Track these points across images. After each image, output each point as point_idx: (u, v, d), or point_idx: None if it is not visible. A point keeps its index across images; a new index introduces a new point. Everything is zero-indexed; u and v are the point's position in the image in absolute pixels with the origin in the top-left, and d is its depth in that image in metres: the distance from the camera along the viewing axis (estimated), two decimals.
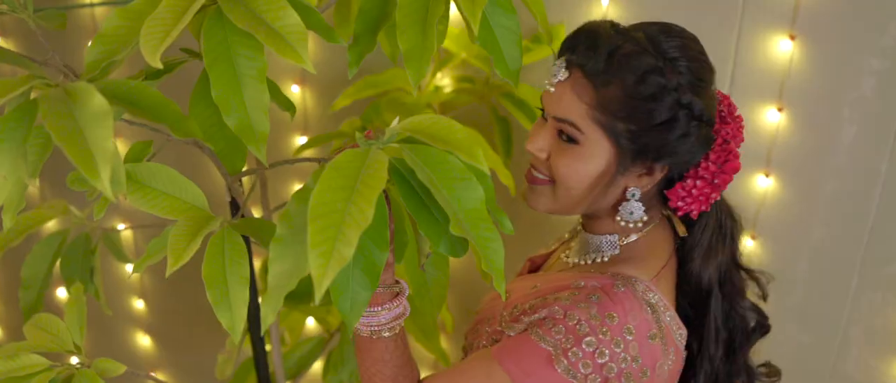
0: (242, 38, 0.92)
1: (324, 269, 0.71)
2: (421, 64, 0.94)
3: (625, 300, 1.13)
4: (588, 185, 1.16)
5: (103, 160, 0.70)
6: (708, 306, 1.23)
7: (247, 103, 0.91)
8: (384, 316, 1.07)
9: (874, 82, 1.69)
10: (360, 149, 0.82)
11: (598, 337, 1.09)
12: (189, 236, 0.88)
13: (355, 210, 0.74)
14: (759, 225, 1.85)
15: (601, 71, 1.10)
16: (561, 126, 1.14)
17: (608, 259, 1.23)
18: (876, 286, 1.84)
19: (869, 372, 1.92)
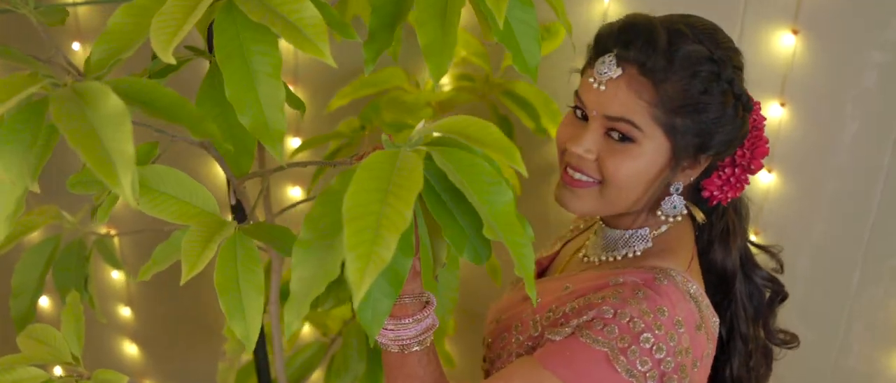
0: (255, 33, 0.88)
1: (361, 274, 0.67)
2: (442, 59, 0.90)
3: (670, 293, 1.11)
4: (643, 185, 1.13)
5: (123, 165, 0.66)
6: (733, 290, 1.24)
7: (262, 101, 0.87)
8: (413, 329, 1.03)
9: (876, 77, 1.68)
10: (389, 151, 0.78)
11: (654, 333, 1.06)
12: (203, 242, 0.84)
13: (391, 212, 0.70)
14: (762, 221, 1.84)
15: (661, 67, 1.07)
16: (615, 125, 1.10)
17: (640, 253, 1.20)
18: (878, 280, 1.83)
19: (871, 365, 1.91)
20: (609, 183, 1.12)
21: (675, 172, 1.14)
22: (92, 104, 0.71)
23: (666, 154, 1.11)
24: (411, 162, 0.75)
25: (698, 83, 1.08)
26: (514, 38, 1.02)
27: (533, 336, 1.18)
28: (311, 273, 0.77)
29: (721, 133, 1.11)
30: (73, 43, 2.21)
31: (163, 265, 0.95)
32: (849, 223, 1.81)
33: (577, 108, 1.16)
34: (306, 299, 0.76)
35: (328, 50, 0.82)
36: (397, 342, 1.03)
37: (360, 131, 1.74)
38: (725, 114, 1.10)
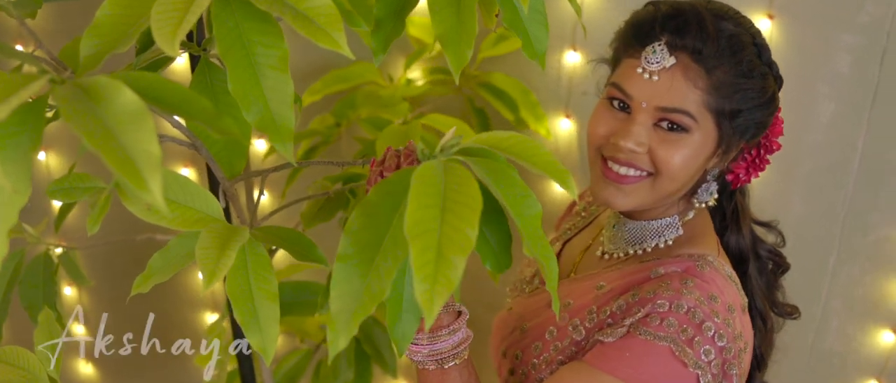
0: (257, 23, 0.82)
1: (429, 295, 0.63)
2: (460, 47, 0.85)
3: (715, 278, 1.08)
4: (692, 173, 1.10)
5: (149, 166, 0.60)
6: (748, 269, 1.22)
7: (267, 96, 0.81)
8: (448, 341, 0.98)
9: (851, 59, 1.69)
10: (432, 162, 0.73)
11: (714, 321, 1.03)
12: (217, 249, 0.78)
13: (451, 231, 0.66)
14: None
15: (713, 54, 1.04)
16: (669, 116, 1.06)
17: (672, 242, 1.16)
18: (854, 258, 1.85)
19: (848, 343, 1.93)
20: (662, 174, 1.08)
21: (722, 159, 1.12)
22: (103, 101, 0.64)
23: (714, 140, 1.08)
24: (464, 177, 0.71)
25: (745, 67, 1.06)
26: (522, 24, 0.97)
27: (576, 340, 1.12)
28: (354, 288, 0.72)
29: (760, 114, 1.10)
30: (15, 44, 2.09)
31: (162, 276, 0.88)
32: (825, 202, 1.82)
33: (616, 99, 1.11)
34: (353, 317, 0.71)
35: (345, 40, 0.77)
36: (433, 357, 0.98)
37: (335, 128, 1.68)
38: (765, 97, 1.09)
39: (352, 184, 1.17)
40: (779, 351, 1.32)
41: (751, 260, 1.22)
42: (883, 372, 1.92)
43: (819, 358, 1.95)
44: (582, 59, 1.81)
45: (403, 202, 0.73)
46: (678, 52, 1.05)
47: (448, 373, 0.99)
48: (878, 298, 1.87)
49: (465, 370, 1.00)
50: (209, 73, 0.96)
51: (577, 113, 1.86)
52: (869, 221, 1.82)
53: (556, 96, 1.86)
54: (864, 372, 1.94)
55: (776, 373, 1.45)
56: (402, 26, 0.92)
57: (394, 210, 0.74)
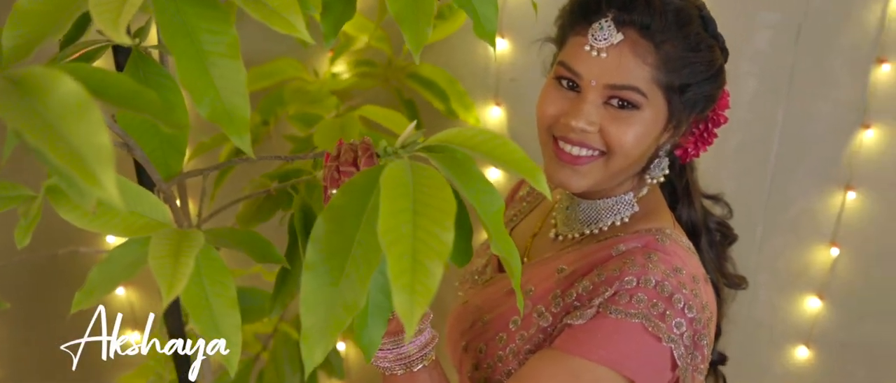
0: (200, 8, 0.76)
1: (408, 306, 0.58)
2: (418, 25, 0.81)
3: (677, 250, 1.07)
4: (644, 149, 1.07)
5: (100, 160, 0.53)
6: (701, 242, 1.22)
7: (218, 85, 0.75)
8: (414, 344, 0.94)
9: (769, 36, 1.73)
10: (397, 163, 0.69)
11: (682, 293, 1.01)
12: (172, 257, 0.71)
13: (426, 235, 0.62)
14: None
15: (660, 28, 1.02)
16: (619, 93, 1.03)
17: (628, 219, 1.15)
18: (778, 231, 1.90)
19: (776, 313, 1.98)
20: (616, 153, 1.05)
21: (673, 134, 1.10)
22: (40, 94, 0.57)
23: (665, 115, 1.06)
24: (433, 178, 0.67)
25: (692, 40, 1.04)
26: (472, 4, 0.94)
27: (543, 327, 1.09)
28: (326, 299, 0.67)
29: (709, 88, 1.09)
30: None
31: (104, 290, 0.81)
32: (750, 177, 1.86)
33: (564, 79, 1.08)
34: (327, 331, 0.66)
35: (302, 23, 0.72)
36: (401, 361, 0.94)
37: (262, 126, 1.61)
38: (713, 70, 1.08)
39: (294, 181, 1.11)
40: (729, 322, 1.33)
41: (702, 232, 1.22)
42: (810, 337, 1.98)
43: (751, 328, 2.00)
44: (509, 45, 1.79)
45: (369, 204, 0.70)
46: (625, 27, 1.03)
47: (417, 377, 0.95)
48: (802, 268, 1.93)
49: (434, 371, 0.96)
50: (143, 66, 0.89)
51: (506, 100, 1.84)
52: (789, 194, 1.87)
53: (485, 84, 1.83)
54: (794, 339, 2.00)
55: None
56: (352, 9, 0.88)
57: (361, 213, 0.70)
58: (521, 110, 1.85)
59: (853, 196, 1.83)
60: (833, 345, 1.98)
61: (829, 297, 1.93)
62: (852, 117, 1.77)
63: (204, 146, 1.69)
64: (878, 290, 1.91)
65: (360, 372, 2.22)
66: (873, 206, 1.83)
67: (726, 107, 1.15)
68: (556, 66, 1.10)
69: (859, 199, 1.83)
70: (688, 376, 1.04)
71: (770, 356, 2.02)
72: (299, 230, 1.06)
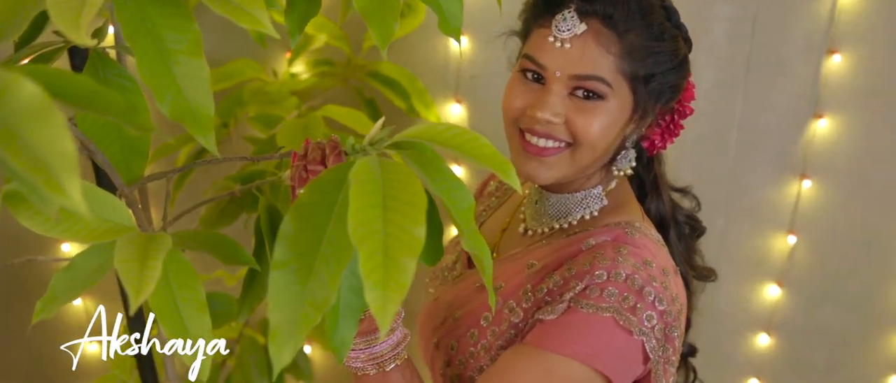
0: (161, 6, 0.75)
1: (383, 302, 0.58)
2: (385, 20, 0.80)
3: (646, 243, 1.07)
4: (610, 141, 1.07)
5: (64, 166, 0.51)
6: (669, 234, 1.22)
7: (181, 83, 0.73)
8: (386, 343, 0.93)
9: (726, 28, 1.76)
10: (368, 159, 0.68)
11: (652, 286, 1.02)
12: (139, 261, 0.70)
13: (398, 231, 0.61)
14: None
15: (623, 18, 1.02)
16: (584, 84, 1.03)
17: (597, 212, 1.15)
18: (738, 221, 1.93)
19: (736, 302, 2.01)
20: (582, 144, 1.05)
21: (638, 125, 1.10)
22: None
23: (630, 106, 1.06)
24: (403, 173, 0.66)
25: (656, 30, 1.05)
26: (437, 0, 0.93)
27: (514, 323, 1.09)
28: (294, 297, 0.65)
29: (674, 77, 1.09)
30: None
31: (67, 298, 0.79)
32: (711, 167, 1.88)
33: (529, 71, 1.07)
34: (296, 329, 0.64)
35: (267, 18, 0.71)
36: (373, 361, 0.93)
37: (222, 128, 1.58)
38: (677, 60, 1.08)
39: (258, 182, 1.10)
40: (698, 314, 1.35)
41: (671, 225, 1.23)
42: (771, 324, 2.02)
43: (714, 317, 2.02)
44: (469, 42, 1.79)
45: (338, 201, 0.69)
46: (588, 18, 1.03)
47: (389, 376, 0.94)
48: (762, 256, 1.96)
49: (407, 370, 0.95)
50: (103, 67, 0.87)
51: (467, 97, 1.84)
52: (749, 184, 1.90)
53: (445, 81, 1.83)
54: (755, 327, 2.03)
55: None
56: (317, 6, 0.86)
57: (330, 210, 0.69)
58: (482, 107, 1.85)
59: (809, 184, 1.86)
60: (793, 332, 2.02)
61: (788, 285, 1.97)
62: (806, 107, 1.80)
63: (165, 149, 1.66)
64: (833, 276, 1.95)
65: (325, 374, 2.20)
66: (827, 194, 1.87)
67: (692, 98, 1.15)
68: (520, 59, 1.09)
69: (814, 188, 1.87)
70: (660, 368, 1.04)
71: (733, 344, 2.05)
72: (266, 232, 1.04)
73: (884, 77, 1.75)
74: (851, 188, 1.86)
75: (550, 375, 0.98)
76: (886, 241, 1.90)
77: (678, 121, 1.15)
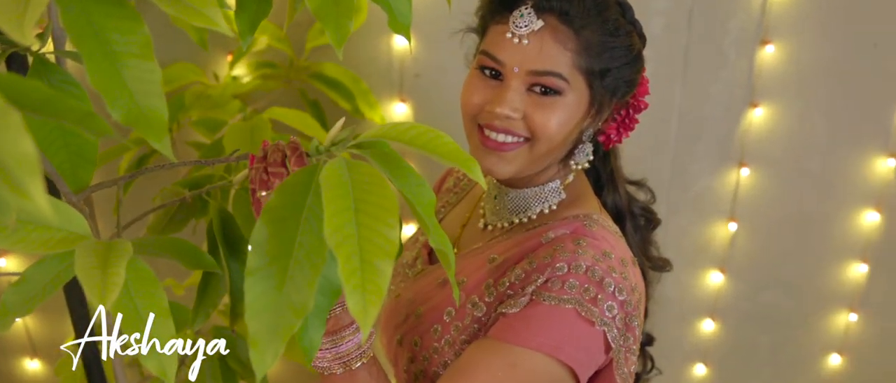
0: (106, 7, 0.73)
1: (363, 306, 0.59)
2: (340, 20, 0.79)
3: (604, 235, 1.09)
4: (567, 135, 1.09)
5: (26, 169, 0.50)
6: (626, 226, 1.24)
7: (132, 87, 0.72)
8: (352, 341, 0.92)
9: (663, 21, 1.79)
10: (336, 161, 0.68)
11: (612, 277, 1.03)
12: (100, 268, 0.68)
13: (371, 234, 0.62)
14: None
15: (579, 14, 1.03)
16: (541, 80, 1.04)
17: (556, 206, 1.16)
18: (681, 210, 1.97)
19: (682, 289, 2.06)
20: (540, 139, 1.06)
21: (594, 119, 1.12)
22: None
23: (587, 101, 1.08)
24: (372, 175, 0.67)
25: (611, 25, 1.06)
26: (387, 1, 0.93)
27: (477, 317, 1.10)
28: (272, 303, 0.65)
29: (629, 72, 1.11)
30: None
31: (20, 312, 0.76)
32: (653, 158, 1.92)
33: (487, 68, 1.08)
34: (277, 335, 0.63)
35: (220, 16, 0.70)
36: (340, 360, 0.92)
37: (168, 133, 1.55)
38: (632, 55, 1.10)
39: (209, 187, 1.08)
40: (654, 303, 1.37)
41: (627, 217, 1.25)
42: (715, 310, 2.06)
43: (661, 305, 2.06)
44: (412, 41, 1.79)
45: (306, 205, 0.69)
46: (545, 14, 1.04)
47: (356, 375, 0.94)
48: (705, 243, 2.01)
49: (373, 368, 0.95)
50: (46, 72, 0.85)
51: (411, 96, 1.84)
52: (690, 173, 1.94)
53: (389, 81, 1.83)
54: (700, 313, 2.08)
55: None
56: (268, 6, 0.85)
57: (298, 214, 0.69)
58: (426, 106, 1.85)
59: (747, 172, 1.91)
60: (737, 316, 2.07)
61: (731, 271, 2.02)
62: (743, 97, 1.85)
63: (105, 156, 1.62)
64: (773, 261, 2.01)
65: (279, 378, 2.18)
66: (764, 181, 1.92)
67: (646, 92, 1.17)
68: (478, 56, 1.11)
69: (752, 175, 1.92)
70: (621, 357, 1.06)
71: (679, 331, 2.10)
72: (219, 237, 1.03)
73: (815, 65, 1.80)
74: (788, 174, 1.91)
75: (514, 368, 0.99)
76: (822, 225, 1.96)
77: (633, 115, 1.17)
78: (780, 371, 2.12)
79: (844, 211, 1.94)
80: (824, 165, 1.90)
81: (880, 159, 1.87)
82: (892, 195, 1.90)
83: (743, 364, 2.12)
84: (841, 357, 2.09)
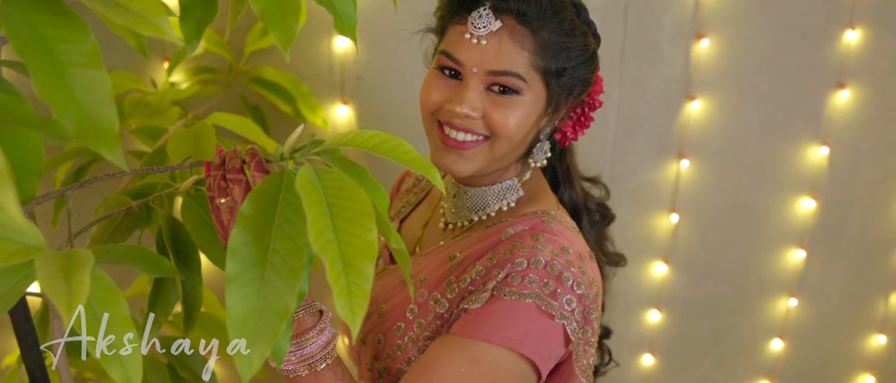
0: (50, 16, 0.71)
1: (350, 308, 0.60)
2: (286, 22, 0.78)
3: (562, 230, 1.11)
4: (525, 133, 1.10)
5: None
6: (582, 221, 1.27)
7: (81, 98, 0.70)
8: (316, 343, 0.92)
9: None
10: (307, 168, 0.69)
11: (571, 271, 1.05)
12: (63, 277, 0.66)
13: (351, 238, 0.64)
14: None
15: (536, 15, 1.05)
16: (499, 79, 1.06)
17: (514, 203, 1.18)
18: (624, 203, 2.00)
19: (628, 282, 2.09)
20: (499, 137, 1.08)
21: (551, 117, 1.14)
22: None
23: (544, 99, 1.10)
24: (343, 181, 0.68)
25: (567, 26, 1.08)
26: (331, 1, 0.93)
27: (440, 313, 1.11)
28: (253, 309, 0.65)
29: (584, 71, 1.13)
30: None
31: None
32: (593, 153, 1.94)
33: (447, 68, 1.10)
34: (260, 337, 0.64)
35: (170, 25, 0.69)
36: (305, 362, 0.92)
37: None
38: (587, 54, 1.12)
39: (156, 195, 1.06)
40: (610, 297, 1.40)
41: (583, 213, 1.28)
42: (660, 300, 2.11)
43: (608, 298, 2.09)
44: (352, 43, 1.78)
45: (277, 212, 0.70)
46: (503, 15, 1.06)
47: (321, 376, 0.94)
48: (648, 235, 2.04)
49: (338, 368, 0.95)
50: None
51: (354, 98, 1.83)
52: (630, 167, 1.97)
53: (330, 84, 1.81)
54: (646, 304, 2.12)
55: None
56: (213, 10, 0.84)
57: (271, 221, 0.70)
58: (369, 107, 1.84)
59: (686, 164, 1.96)
60: (681, 305, 2.12)
61: (674, 261, 2.06)
62: (679, 91, 1.89)
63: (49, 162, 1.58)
64: (713, 250, 2.06)
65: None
66: (703, 173, 1.97)
67: (601, 91, 1.20)
68: (438, 56, 1.12)
69: (692, 167, 1.96)
70: (580, 350, 1.08)
71: (626, 322, 2.13)
72: (168, 245, 1.01)
73: (748, 58, 1.85)
74: (726, 165, 1.96)
75: (477, 364, 1.00)
76: (760, 212, 2.02)
77: (588, 113, 1.20)
78: (725, 357, 2.18)
79: (781, 198, 2.00)
80: (760, 155, 1.96)
81: (813, 147, 1.93)
82: (826, 182, 1.97)
83: (688, 352, 2.17)
84: (782, 341, 2.16)
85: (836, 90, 1.88)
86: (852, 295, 2.13)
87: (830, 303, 2.13)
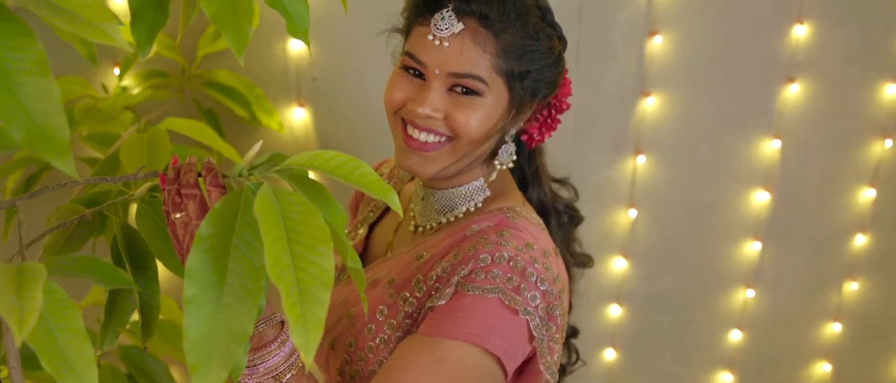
0: None
1: (305, 338, 0.61)
2: (239, 25, 0.77)
3: (527, 227, 1.12)
4: (488, 134, 1.11)
5: None
6: (551, 222, 1.28)
7: (29, 106, 0.69)
8: (279, 354, 0.91)
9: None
10: (265, 189, 0.68)
11: (534, 267, 1.06)
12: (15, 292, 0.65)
13: (308, 265, 0.64)
14: None
15: (499, 18, 1.05)
16: (461, 81, 1.07)
17: (481, 203, 1.19)
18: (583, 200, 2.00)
19: (589, 278, 2.10)
20: (461, 138, 1.09)
21: (515, 119, 1.14)
22: None
23: (506, 101, 1.10)
24: (301, 205, 0.68)
25: (531, 29, 1.08)
26: (282, 3, 0.92)
27: (409, 312, 1.12)
28: (209, 331, 0.65)
29: (549, 74, 1.13)
30: None
31: None
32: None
33: (410, 68, 1.10)
34: (215, 360, 0.63)
35: (119, 32, 0.68)
36: (269, 374, 0.91)
37: None
38: (552, 57, 1.12)
39: (111, 202, 1.03)
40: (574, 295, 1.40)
41: (551, 214, 1.28)
42: (620, 295, 2.12)
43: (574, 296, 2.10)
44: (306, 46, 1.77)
45: (234, 232, 0.70)
46: (466, 17, 1.06)
47: None
48: (608, 231, 2.06)
49: (303, 377, 0.95)
50: None
51: (310, 100, 1.82)
52: (589, 164, 1.99)
53: (286, 86, 1.80)
54: (606, 299, 2.14)
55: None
56: (165, 15, 0.83)
57: (228, 242, 0.70)
58: (325, 110, 1.83)
59: (643, 160, 1.98)
60: (640, 300, 2.14)
61: (633, 256, 2.08)
62: (634, 87, 1.90)
63: None
64: (670, 245, 2.08)
65: None
66: (660, 168, 1.99)
67: (569, 93, 1.21)
68: (402, 56, 1.13)
69: (648, 163, 1.98)
70: (545, 346, 1.08)
71: (588, 318, 2.15)
72: (124, 253, 0.99)
73: (701, 54, 1.88)
74: (681, 160, 1.99)
75: (443, 363, 1.01)
76: (715, 206, 2.05)
77: (555, 115, 1.20)
78: (684, 349, 2.21)
79: (736, 191, 2.03)
80: (714, 149, 1.98)
81: (766, 141, 1.97)
82: (779, 174, 2.00)
83: (649, 345, 2.20)
84: (741, 332, 2.19)
85: (786, 84, 1.91)
86: (807, 285, 2.17)
87: (786, 294, 2.16)
